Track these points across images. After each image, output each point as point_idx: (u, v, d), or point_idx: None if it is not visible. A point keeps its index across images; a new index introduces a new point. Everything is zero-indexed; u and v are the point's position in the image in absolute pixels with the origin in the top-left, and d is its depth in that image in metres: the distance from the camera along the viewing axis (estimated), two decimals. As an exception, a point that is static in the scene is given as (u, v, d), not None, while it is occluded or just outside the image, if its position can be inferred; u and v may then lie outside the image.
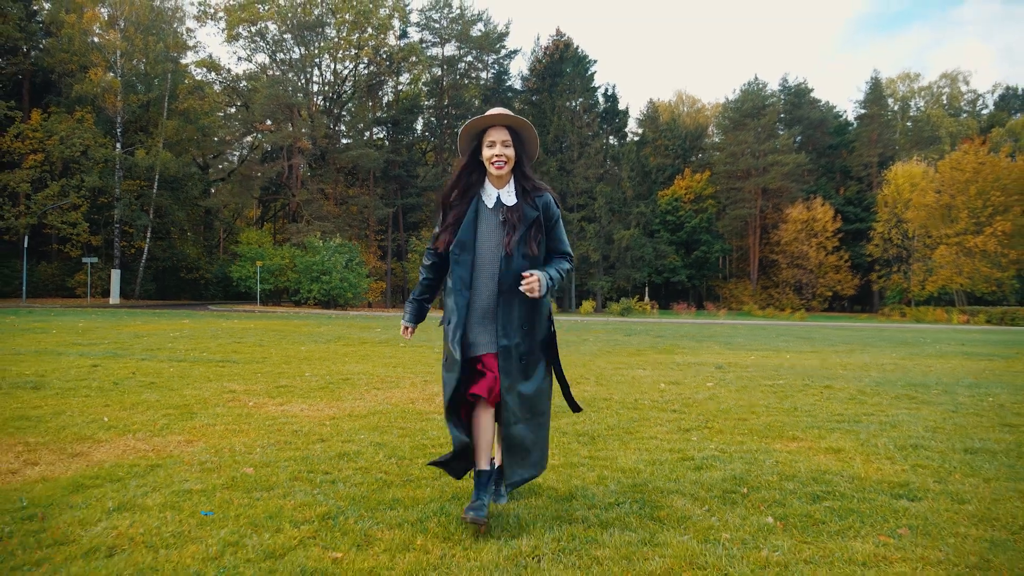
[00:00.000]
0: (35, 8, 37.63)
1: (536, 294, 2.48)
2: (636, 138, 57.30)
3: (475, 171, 2.70)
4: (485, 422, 2.59)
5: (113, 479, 3.07)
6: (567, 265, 2.73)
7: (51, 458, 3.43)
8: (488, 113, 2.65)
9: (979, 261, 39.06)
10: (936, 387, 6.71)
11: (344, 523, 2.53)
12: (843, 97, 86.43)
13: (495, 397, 2.55)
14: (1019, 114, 59.27)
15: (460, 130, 2.64)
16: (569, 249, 2.77)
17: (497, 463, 2.79)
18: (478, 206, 2.66)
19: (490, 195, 2.67)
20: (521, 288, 2.50)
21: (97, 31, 36.55)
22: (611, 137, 46.56)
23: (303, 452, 3.66)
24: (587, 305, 38.37)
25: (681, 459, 3.62)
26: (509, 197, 2.66)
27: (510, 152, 2.63)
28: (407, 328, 2.84)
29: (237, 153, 50.96)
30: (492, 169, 2.63)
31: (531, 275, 2.49)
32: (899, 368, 8.85)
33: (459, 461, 2.64)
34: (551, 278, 2.61)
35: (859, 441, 4.12)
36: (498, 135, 2.62)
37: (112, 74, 35.85)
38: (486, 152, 2.63)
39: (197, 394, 5.59)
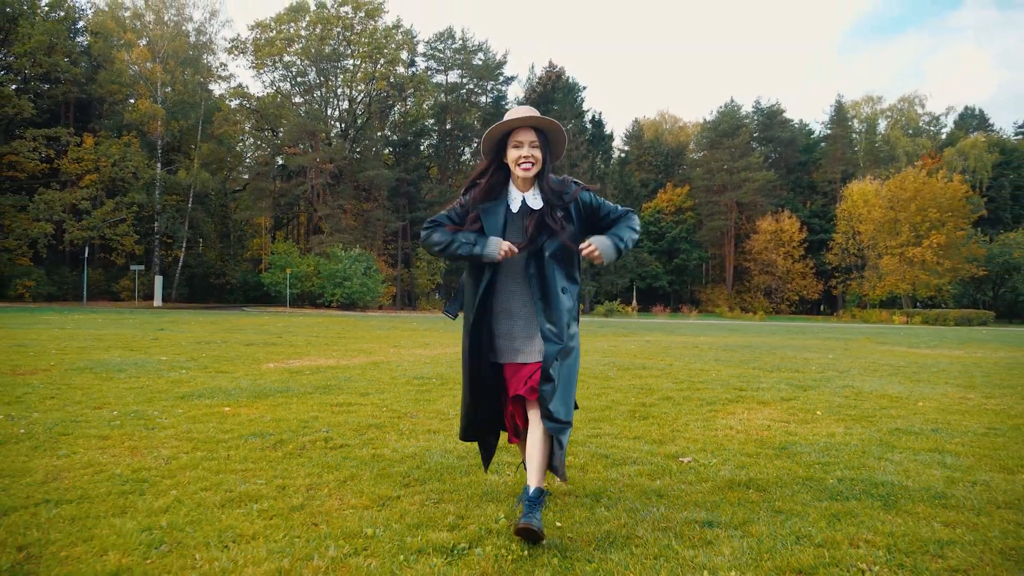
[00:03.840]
0: (81, 40, 42.83)
1: (600, 260, 2.43)
2: (622, 155, 62.97)
3: (498, 173, 2.60)
4: (536, 433, 2.47)
5: (377, 366, 8.19)
6: (636, 220, 2.62)
7: (336, 361, 8.53)
8: (515, 115, 2.53)
9: (919, 269, 44.73)
10: (750, 348, 11.96)
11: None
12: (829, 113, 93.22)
13: (533, 391, 2.45)
14: (976, 132, 65.15)
15: (485, 133, 2.54)
16: (625, 208, 2.63)
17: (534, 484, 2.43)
18: (505, 210, 2.57)
19: (515, 199, 2.59)
20: (583, 255, 2.46)
21: (138, 61, 41.80)
22: (598, 158, 52.05)
23: (446, 359, 8.78)
24: (576, 307, 43.62)
25: (598, 362, 8.82)
26: (535, 201, 2.57)
27: (538, 154, 2.52)
28: (501, 249, 2.46)
29: (249, 164, 55.72)
30: (519, 171, 2.52)
31: (589, 244, 2.45)
32: (760, 343, 14.09)
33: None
34: (621, 239, 2.53)
35: (677, 360, 9.32)
36: (525, 136, 2.51)
37: (151, 99, 40.95)
38: (512, 153, 2.52)
39: (358, 347, 10.69)
